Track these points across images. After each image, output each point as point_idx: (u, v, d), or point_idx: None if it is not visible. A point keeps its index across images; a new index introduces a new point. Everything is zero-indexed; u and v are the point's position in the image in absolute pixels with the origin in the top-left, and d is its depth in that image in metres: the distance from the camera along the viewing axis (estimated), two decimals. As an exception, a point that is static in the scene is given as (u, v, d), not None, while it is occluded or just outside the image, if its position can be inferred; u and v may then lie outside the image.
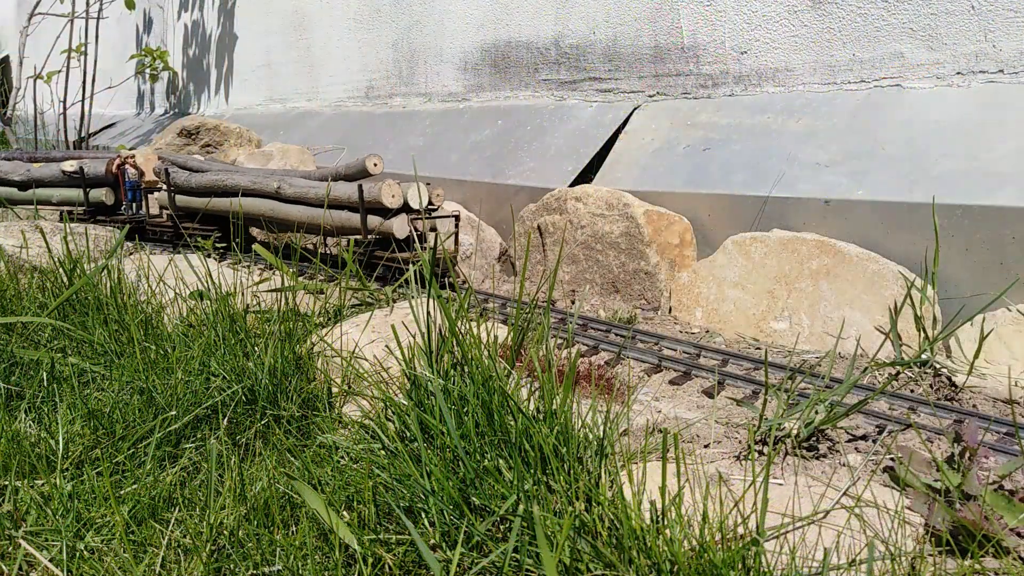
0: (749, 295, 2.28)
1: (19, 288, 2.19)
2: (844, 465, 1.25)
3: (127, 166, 3.40)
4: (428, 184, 2.59)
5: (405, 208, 2.49)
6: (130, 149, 5.39)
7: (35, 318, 1.91)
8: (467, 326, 1.36)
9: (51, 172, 3.53)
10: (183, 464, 1.41)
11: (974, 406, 1.56)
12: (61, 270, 2.24)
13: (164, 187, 3.22)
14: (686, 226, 2.65)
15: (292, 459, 1.35)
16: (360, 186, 2.48)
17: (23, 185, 3.66)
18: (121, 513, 1.19)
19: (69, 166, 3.41)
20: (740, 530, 0.96)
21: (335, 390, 1.64)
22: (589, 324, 2.17)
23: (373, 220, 2.50)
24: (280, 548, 1.08)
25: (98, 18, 6.50)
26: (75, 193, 3.51)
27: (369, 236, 2.52)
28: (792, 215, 2.45)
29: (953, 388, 1.63)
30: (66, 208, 3.57)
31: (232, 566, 1.09)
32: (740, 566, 0.89)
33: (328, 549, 1.09)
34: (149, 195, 3.39)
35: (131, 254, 2.96)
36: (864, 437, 1.37)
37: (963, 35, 2.41)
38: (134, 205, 3.51)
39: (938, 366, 1.69)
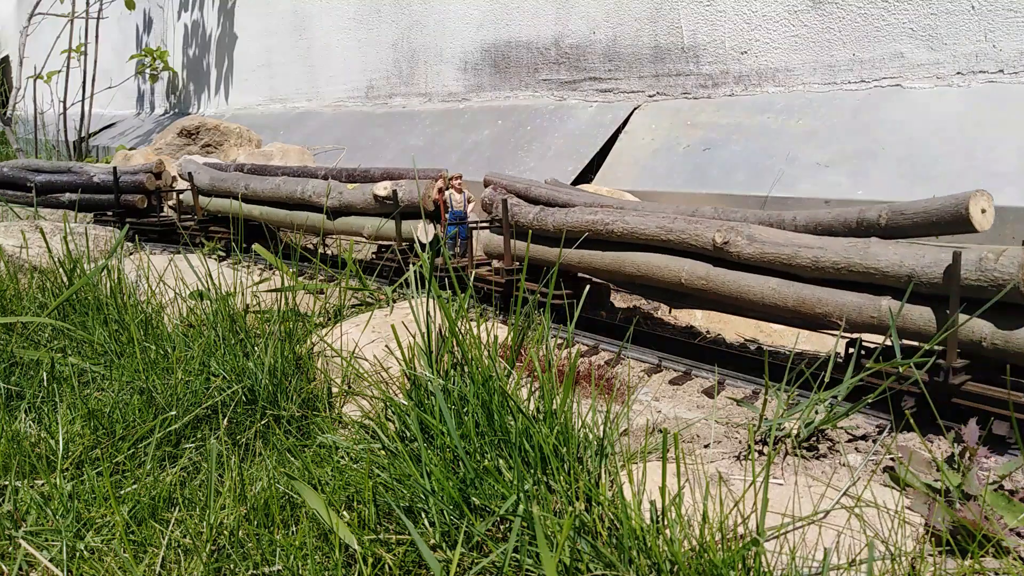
0: (749, 295, 2.28)
1: (19, 288, 2.19)
2: (844, 465, 1.25)
3: (451, 190, 2.39)
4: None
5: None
6: (130, 149, 5.39)
7: (35, 318, 1.91)
8: (467, 326, 1.36)
9: (363, 197, 2.58)
10: (183, 464, 1.41)
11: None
12: (61, 270, 2.24)
13: (491, 223, 2.26)
14: (686, 226, 2.64)
15: (292, 459, 1.35)
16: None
17: (336, 212, 2.69)
18: (121, 513, 1.19)
19: (382, 189, 2.46)
20: (740, 530, 0.96)
21: (335, 390, 1.64)
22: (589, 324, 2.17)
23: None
24: (280, 548, 1.08)
25: (98, 18, 6.50)
26: (384, 224, 2.52)
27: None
28: (792, 215, 2.44)
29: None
30: (378, 242, 2.64)
31: (232, 566, 1.09)
32: (740, 566, 0.89)
33: (328, 549, 1.09)
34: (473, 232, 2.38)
35: (131, 254, 2.96)
36: (864, 437, 1.37)
37: (963, 35, 2.41)
38: (457, 245, 2.42)
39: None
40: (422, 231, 2.37)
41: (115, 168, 3.28)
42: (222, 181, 3.08)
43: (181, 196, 3.30)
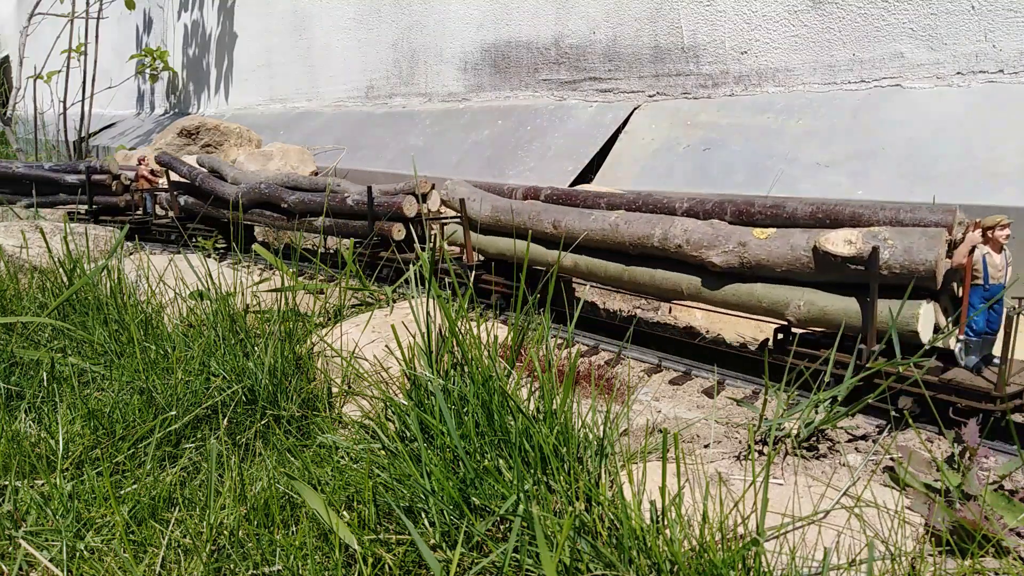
0: (749, 295, 2.27)
1: (19, 288, 2.19)
2: (844, 465, 1.25)
3: (988, 245, 1.38)
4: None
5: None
6: (130, 149, 5.39)
7: (35, 318, 1.91)
8: (467, 326, 1.36)
9: (789, 252, 1.53)
10: (183, 464, 1.41)
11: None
12: (61, 270, 2.24)
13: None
14: (686, 226, 2.64)
15: (292, 459, 1.35)
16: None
17: (727, 274, 1.65)
18: (121, 513, 1.19)
19: (845, 243, 1.40)
20: (740, 530, 0.96)
21: (335, 390, 1.64)
22: (589, 324, 2.17)
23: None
24: (280, 548, 1.08)
25: (98, 18, 6.50)
26: (823, 301, 1.50)
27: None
28: (792, 215, 2.45)
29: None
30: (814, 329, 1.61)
31: (232, 566, 1.09)
32: (740, 566, 0.89)
33: (328, 549, 1.09)
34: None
35: (131, 254, 2.96)
36: (864, 437, 1.37)
37: (963, 35, 2.41)
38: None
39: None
40: (925, 319, 1.38)
41: (369, 188, 2.52)
42: (516, 214, 2.09)
43: (448, 230, 2.38)
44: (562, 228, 1.97)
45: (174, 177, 3.24)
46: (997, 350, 1.35)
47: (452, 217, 2.40)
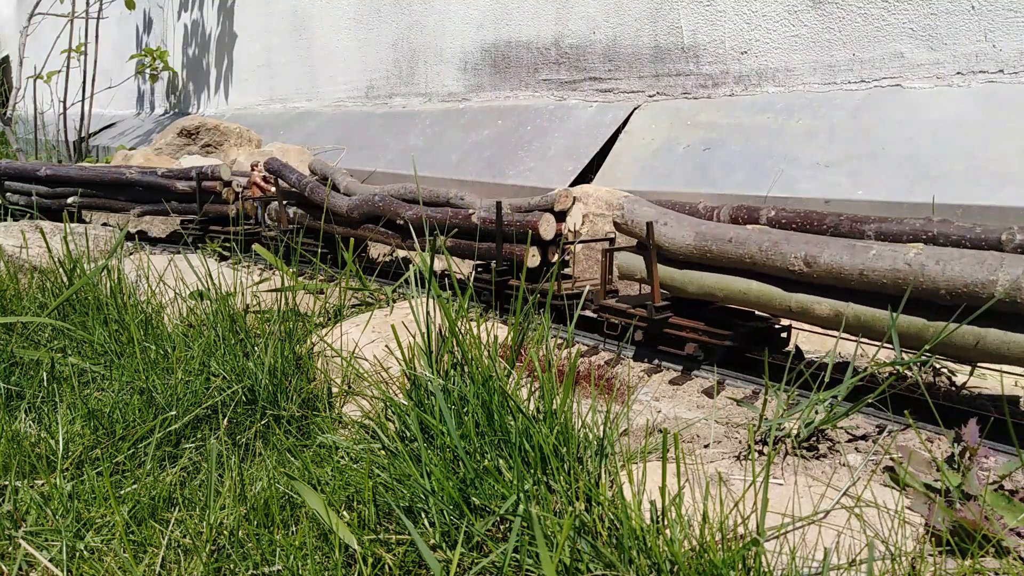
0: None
1: (19, 288, 2.19)
2: (844, 465, 1.25)
3: None
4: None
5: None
6: (130, 149, 5.40)
7: (35, 318, 1.91)
8: (467, 326, 1.36)
9: None
10: (183, 464, 1.41)
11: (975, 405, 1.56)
12: (61, 270, 2.24)
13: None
14: (686, 226, 2.64)
15: (292, 459, 1.35)
16: None
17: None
18: (121, 513, 1.19)
19: None
20: (740, 530, 0.96)
21: (335, 390, 1.64)
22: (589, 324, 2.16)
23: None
24: (280, 548, 1.08)
25: (98, 18, 6.50)
26: None
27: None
28: (792, 215, 2.44)
29: (954, 388, 1.63)
30: None
31: (232, 566, 1.09)
32: (740, 566, 0.89)
33: (328, 549, 1.09)
34: None
35: (131, 254, 2.96)
36: (864, 437, 1.37)
37: (963, 35, 2.41)
38: None
39: (938, 366, 1.69)
40: None
41: (498, 204, 2.11)
42: (737, 243, 1.57)
43: (618, 259, 1.85)
44: (820, 266, 1.43)
45: (282, 185, 2.94)
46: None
47: (620, 247, 1.87)
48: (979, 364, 1.41)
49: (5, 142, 6.97)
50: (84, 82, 6.52)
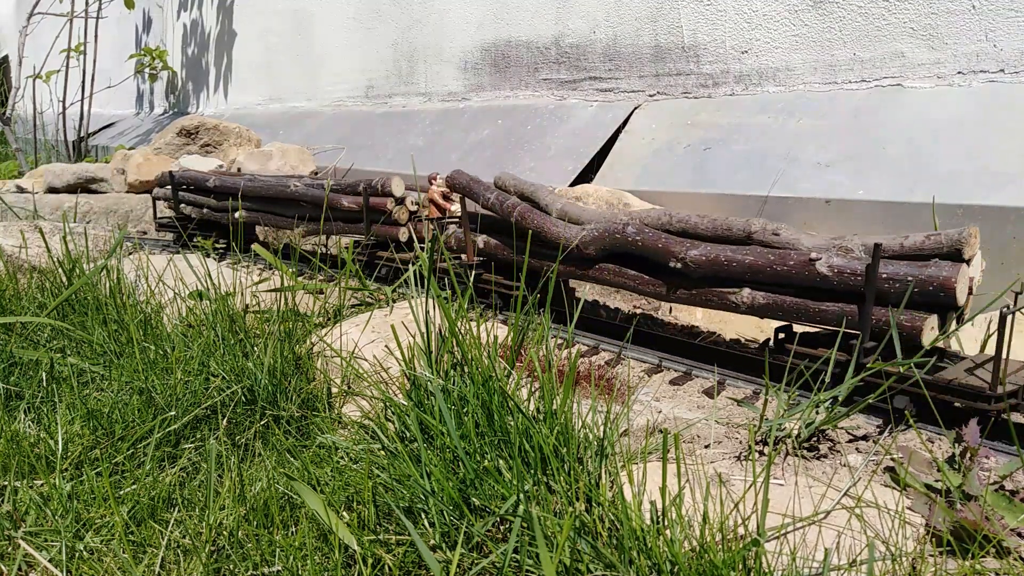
0: (749, 295, 2.26)
1: (18, 288, 2.19)
2: (845, 465, 1.25)
3: None
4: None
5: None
6: (129, 149, 5.39)
7: (34, 318, 1.91)
8: (467, 326, 1.36)
9: None
10: (182, 464, 1.40)
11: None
12: (60, 270, 2.24)
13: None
14: (686, 226, 2.63)
15: (291, 459, 1.35)
16: None
17: None
18: (120, 513, 1.19)
19: None
20: (740, 531, 0.96)
21: (335, 390, 1.64)
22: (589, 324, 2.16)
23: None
24: (280, 548, 1.08)
25: (97, 18, 6.50)
26: None
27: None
28: (793, 215, 2.44)
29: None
30: None
31: (232, 566, 1.08)
32: (740, 567, 0.88)
33: (328, 549, 1.09)
34: None
35: (130, 254, 2.95)
36: (865, 437, 1.37)
37: (964, 35, 2.41)
38: None
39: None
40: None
41: (876, 246, 1.41)
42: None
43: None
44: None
45: (471, 207, 2.27)
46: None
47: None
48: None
49: (4, 142, 6.96)
50: (83, 82, 6.52)
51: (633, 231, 1.79)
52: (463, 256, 2.22)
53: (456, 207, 2.56)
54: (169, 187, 3.43)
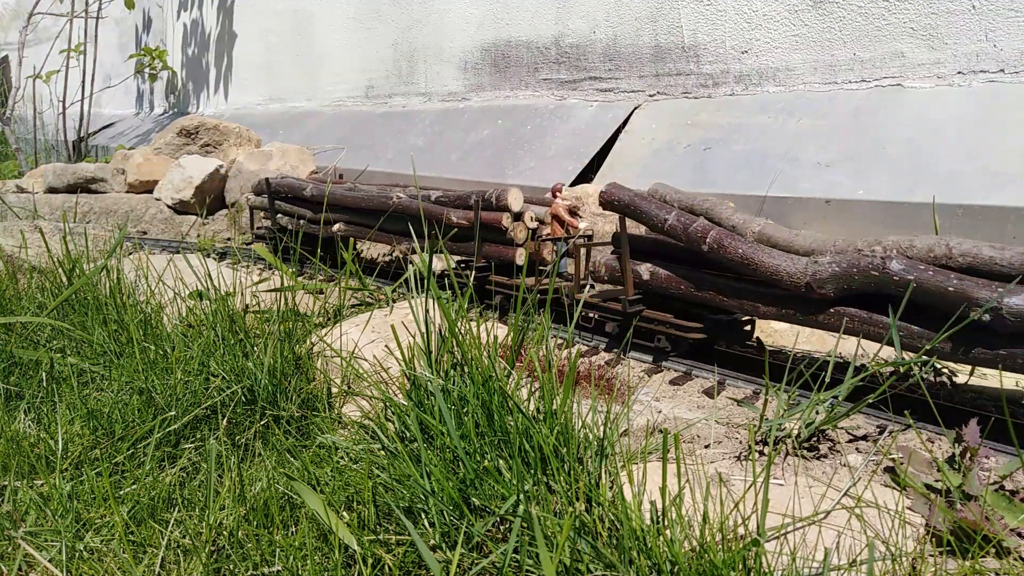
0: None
1: (18, 288, 2.19)
2: (845, 465, 1.25)
3: None
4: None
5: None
6: (129, 149, 5.39)
7: (34, 318, 1.91)
8: (467, 326, 1.35)
9: None
10: (182, 464, 1.40)
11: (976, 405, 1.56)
12: (60, 270, 2.24)
13: None
14: (686, 226, 2.63)
15: (291, 459, 1.35)
16: None
17: None
18: (120, 513, 1.19)
19: None
20: (740, 530, 0.95)
21: (335, 390, 1.64)
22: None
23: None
24: (280, 548, 1.08)
25: (97, 18, 6.50)
26: None
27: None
28: (793, 215, 2.44)
29: (954, 388, 1.63)
30: None
31: (232, 566, 1.08)
32: (741, 567, 0.88)
33: (328, 549, 1.09)
34: None
35: (130, 254, 2.95)
36: (865, 437, 1.37)
37: (964, 35, 2.41)
38: None
39: (939, 366, 1.69)
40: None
41: None
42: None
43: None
44: None
45: (629, 226, 1.82)
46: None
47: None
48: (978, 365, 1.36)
49: (4, 142, 6.96)
50: (83, 82, 6.52)
51: (900, 268, 1.39)
52: (624, 289, 1.82)
53: (584, 224, 2.24)
54: (265, 196, 3.18)
